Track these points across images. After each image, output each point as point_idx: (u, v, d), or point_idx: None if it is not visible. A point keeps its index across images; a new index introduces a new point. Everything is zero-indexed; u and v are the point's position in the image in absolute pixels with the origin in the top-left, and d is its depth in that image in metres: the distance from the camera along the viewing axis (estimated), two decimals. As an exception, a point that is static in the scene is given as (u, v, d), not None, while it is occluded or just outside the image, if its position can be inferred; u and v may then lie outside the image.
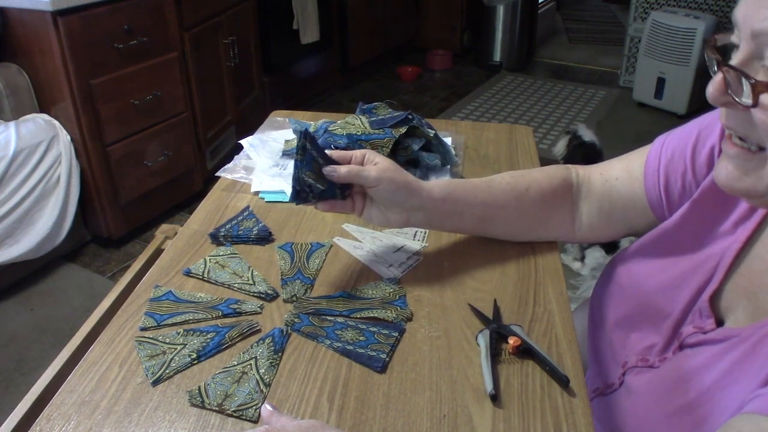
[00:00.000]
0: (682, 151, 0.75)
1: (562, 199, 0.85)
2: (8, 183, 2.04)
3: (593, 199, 0.85)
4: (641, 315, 0.75)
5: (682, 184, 0.75)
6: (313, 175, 0.75)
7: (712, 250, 0.70)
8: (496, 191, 0.83)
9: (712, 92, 0.55)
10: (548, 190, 0.84)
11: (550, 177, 0.85)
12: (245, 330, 0.71)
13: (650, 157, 0.79)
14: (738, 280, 0.66)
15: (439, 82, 4.43)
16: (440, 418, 0.61)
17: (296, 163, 0.75)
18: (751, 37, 0.52)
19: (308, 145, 0.74)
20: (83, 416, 0.61)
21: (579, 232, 0.86)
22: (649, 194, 0.78)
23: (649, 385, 0.70)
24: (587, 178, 0.86)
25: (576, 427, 0.60)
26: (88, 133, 2.18)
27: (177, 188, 2.64)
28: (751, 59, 0.53)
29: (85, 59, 2.09)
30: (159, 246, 1.03)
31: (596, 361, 0.83)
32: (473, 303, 0.76)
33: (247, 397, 0.63)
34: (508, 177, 0.85)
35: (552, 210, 0.85)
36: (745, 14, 0.53)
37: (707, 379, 0.62)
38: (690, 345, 0.67)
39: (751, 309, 0.63)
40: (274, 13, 3.27)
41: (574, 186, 0.86)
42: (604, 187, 0.83)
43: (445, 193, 0.79)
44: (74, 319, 2.06)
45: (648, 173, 0.78)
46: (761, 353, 0.57)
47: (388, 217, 0.78)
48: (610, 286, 0.82)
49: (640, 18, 3.98)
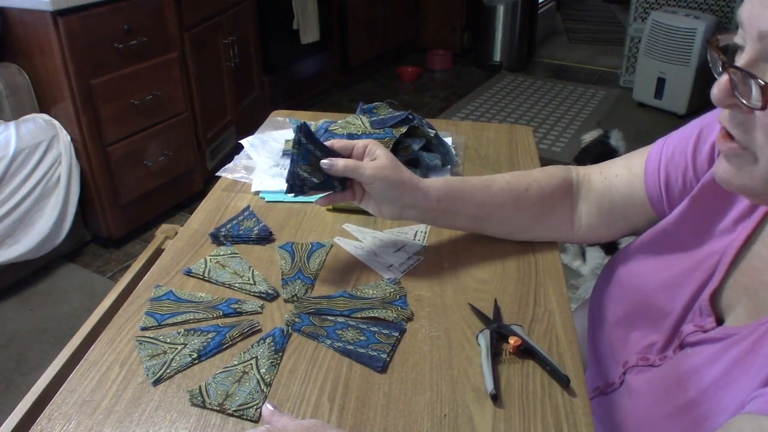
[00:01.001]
0: (683, 149, 0.75)
1: (562, 200, 0.85)
2: (8, 183, 2.04)
3: (593, 198, 0.85)
4: (641, 314, 0.75)
5: (683, 182, 0.75)
6: (310, 168, 0.77)
7: (712, 248, 0.69)
8: (495, 191, 0.83)
9: (717, 94, 0.54)
10: (548, 190, 0.84)
11: (550, 176, 0.85)
12: (246, 330, 0.71)
13: (651, 155, 0.79)
14: (738, 278, 0.66)
15: (439, 82, 4.43)
16: (441, 418, 0.61)
17: (293, 157, 0.77)
18: (758, 38, 0.51)
19: (303, 139, 0.76)
20: (84, 416, 0.61)
21: (578, 232, 0.86)
22: (650, 191, 0.78)
23: (650, 384, 0.70)
24: (587, 177, 0.86)
25: (576, 427, 0.60)
26: (88, 133, 2.18)
27: (177, 188, 2.64)
28: (757, 61, 0.52)
29: (85, 59, 2.09)
30: (159, 246, 1.03)
31: (596, 360, 0.83)
32: (474, 303, 0.76)
33: (247, 396, 0.63)
34: (509, 177, 0.85)
35: (551, 210, 0.85)
36: (751, 15, 0.52)
37: (707, 378, 0.62)
38: (690, 344, 0.67)
39: (752, 307, 0.63)
40: (274, 13, 3.27)
41: (574, 186, 0.86)
42: (604, 185, 0.83)
43: (441, 193, 0.80)
44: (74, 319, 2.06)
45: (648, 170, 0.78)
46: (761, 352, 0.57)
47: (382, 210, 0.80)
48: (610, 286, 0.82)
49: (640, 18, 3.98)
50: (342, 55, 4.05)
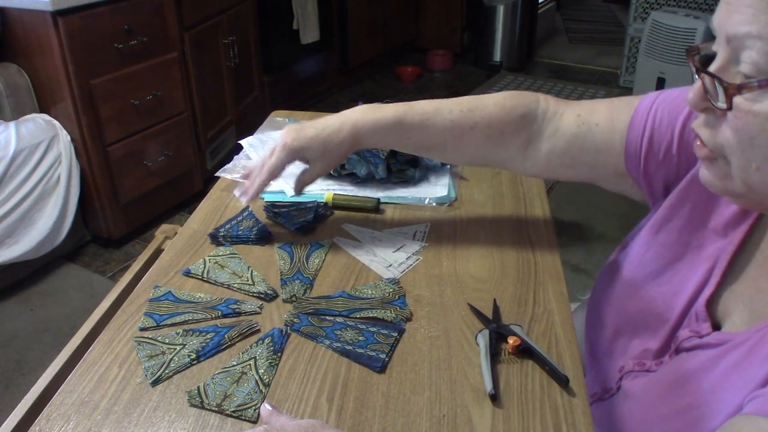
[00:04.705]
0: (672, 121, 0.72)
1: (514, 137, 0.82)
2: (8, 183, 2.04)
3: (560, 139, 0.81)
4: (640, 322, 0.75)
5: (665, 154, 0.73)
6: (295, 216, 0.93)
7: (707, 251, 0.69)
8: (435, 130, 0.83)
9: (692, 98, 0.56)
10: (498, 128, 0.82)
11: (506, 112, 0.82)
12: (245, 330, 0.71)
13: (639, 113, 0.75)
14: (734, 286, 0.66)
15: (439, 82, 4.43)
16: (440, 418, 0.61)
17: (283, 222, 0.92)
18: (726, 41, 0.52)
19: (274, 213, 0.93)
20: (83, 416, 0.61)
21: (532, 169, 0.85)
22: (628, 152, 0.76)
23: (646, 389, 0.70)
24: (558, 116, 0.82)
25: (575, 426, 0.60)
26: (88, 133, 2.18)
27: (177, 188, 2.64)
28: (728, 64, 0.53)
29: (85, 59, 2.09)
30: (159, 246, 1.03)
31: (594, 366, 0.83)
32: (473, 303, 0.76)
33: (246, 397, 0.63)
34: (457, 111, 0.83)
35: (498, 146, 0.83)
36: (719, 20, 0.53)
37: (703, 383, 0.62)
38: (686, 349, 0.67)
39: (748, 313, 0.63)
40: (274, 13, 3.27)
41: (537, 122, 0.82)
42: (580, 130, 0.79)
43: (377, 139, 0.84)
44: (74, 319, 2.06)
45: (632, 130, 0.75)
46: (757, 357, 0.57)
47: (324, 167, 0.87)
48: (607, 293, 0.81)
49: (640, 18, 3.98)
50: (342, 55, 4.04)
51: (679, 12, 3.63)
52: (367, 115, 0.83)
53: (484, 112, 0.82)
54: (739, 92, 0.51)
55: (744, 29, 0.50)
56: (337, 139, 0.83)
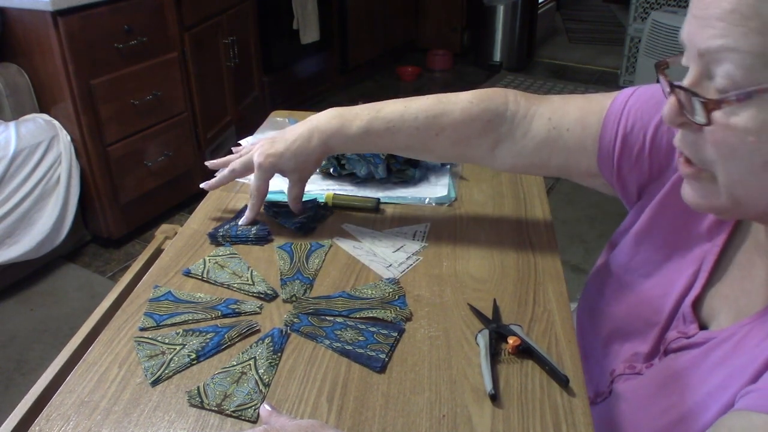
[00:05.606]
0: (643, 125, 0.72)
1: (481, 139, 0.83)
2: (8, 183, 2.04)
3: (530, 143, 0.80)
4: (630, 326, 0.75)
5: (636, 159, 0.73)
6: (292, 217, 0.93)
7: (693, 255, 0.69)
8: (401, 136, 0.84)
9: (668, 114, 0.55)
10: (464, 132, 0.82)
11: (473, 117, 0.82)
12: (244, 330, 0.71)
13: (610, 117, 0.75)
14: (719, 288, 0.66)
15: (439, 82, 4.43)
16: (439, 418, 0.61)
17: (283, 222, 0.93)
18: (698, 56, 0.52)
19: (274, 213, 0.94)
20: (82, 416, 0.61)
21: (501, 167, 0.86)
22: (601, 155, 0.76)
23: (636, 391, 0.70)
24: (529, 119, 0.81)
25: (575, 426, 0.60)
26: (88, 133, 2.18)
27: (177, 188, 2.64)
28: (700, 79, 0.53)
29: (85, 59, 2.09)
30: (159, 246, 1.03)
31: (586, 371, 0.83)
32: (473, 303, 0.76)
33: (246, 397, 0.63)
34: (423, 117, 0.83)
35: (465, 148, 0.84)
36: (689, 34, 0.53)
37: (691, 380, 0.62)
38: (674, 350, 0.68)
39: (733, 313, 0.63)
40: (274, 13, 3.27)
41: (505, 125, 0.82)
42: (550, 135, 0.79)
43: (346, 147, 0.87)
44: (74, 319, 2.06)
45: (604, 136, 0.75)
46: (744, 352, 0.57)
47: (302, 177, 0.90)
48: (597, 300, 0.81)
49: (640, 18, 3.98)
50: (342, 55, 4.04)
51: (679, 12, 3.63)
52: (333, 124, 0.85)
53: (450, 119, 0.83)
54: (719, 107, 0.50)
55: (717, 43, 0.49)
56: (308, 149, 0.86)
